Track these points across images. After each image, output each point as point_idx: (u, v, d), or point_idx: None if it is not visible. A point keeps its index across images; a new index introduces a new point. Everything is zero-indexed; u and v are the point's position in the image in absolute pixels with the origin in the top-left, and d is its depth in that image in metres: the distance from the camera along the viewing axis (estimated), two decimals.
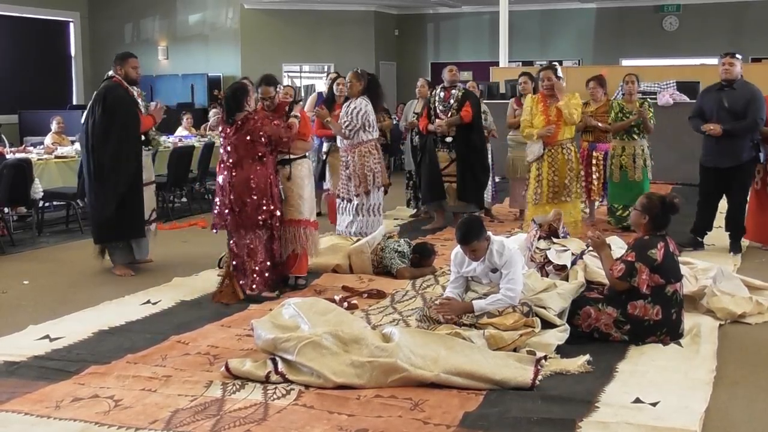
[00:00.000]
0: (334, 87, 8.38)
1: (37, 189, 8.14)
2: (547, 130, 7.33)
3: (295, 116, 5.97)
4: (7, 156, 8.51)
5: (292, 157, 5.94)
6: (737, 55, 6.93)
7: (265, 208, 5.67)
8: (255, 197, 5.63)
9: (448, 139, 8.12)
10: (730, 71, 6.83)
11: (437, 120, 8.09)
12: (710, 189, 7.09)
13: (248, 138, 5.64)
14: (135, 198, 6.49)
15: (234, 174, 5.65)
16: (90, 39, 17.49)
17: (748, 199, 7.12)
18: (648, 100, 8.05)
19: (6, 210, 8.11)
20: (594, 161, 8.27)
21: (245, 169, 5.64)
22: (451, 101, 8.12)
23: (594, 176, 8.27)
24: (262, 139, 5.66)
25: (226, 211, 5.68)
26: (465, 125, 8.08)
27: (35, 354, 4.52)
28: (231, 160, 5.67)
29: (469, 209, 8.05)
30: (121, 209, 6.42)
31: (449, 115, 8.09)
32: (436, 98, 8.21)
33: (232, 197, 5.63)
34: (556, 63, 10.12)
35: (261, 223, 5.67)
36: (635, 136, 7.85)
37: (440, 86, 8.32)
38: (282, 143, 5.79)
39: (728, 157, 6.84)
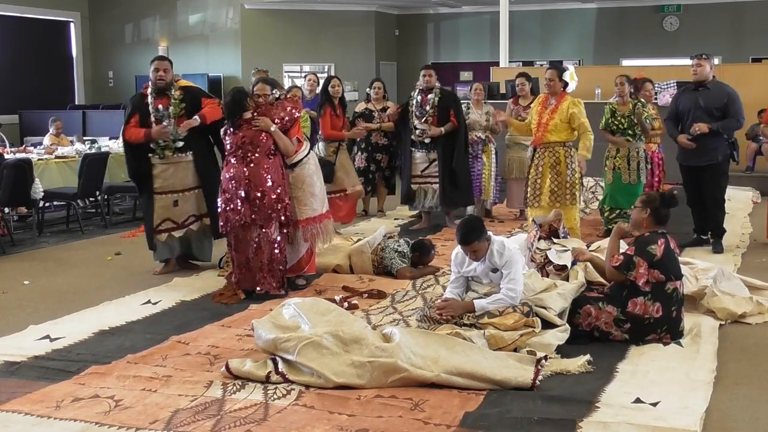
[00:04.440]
0: (329, 88, 8.43)
1: (38, 189, 8.15)
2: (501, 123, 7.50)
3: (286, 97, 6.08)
4: (8, 156, 8.52)
5: (297, 159, 5.94)
6: (704, 56, 6.97)
7: (284, 203, 5.71)
8: (271, 186, 5.64)
9: (427, 141, 8.10)
10: (699, 72, 6.93)
11: (434, 129, 8.03)
12: (692, 187, 7.20)
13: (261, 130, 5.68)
14: (143, 207, 6.51)
15: (250, 165, 5.64)
16: (90, 39, 17.49)
17: (725, 198, 7.14)
18: (641, 101, 7.82)
19: (7, 210, 8.12)
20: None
21: (260, 161, 5.65)
22: (427, 107, 8.08)
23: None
24: (284, 119, 5.73)
25: (239, 202, 5.65)
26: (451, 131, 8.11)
27: (36, 354, 4.53)
28: (248, 156, 5.65)
29: (446, 209, 8.20)
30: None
31: (423, 121, 8.07)
32: (414, 102, 8.18)
33: (248, 188, 5.62)
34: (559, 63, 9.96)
35: (276, 214, 5.67)
36: (629, 138, 7.66)
37: (417, 89, 8.27)
38: (289, 127, 5.83)
39: (704, 156, 6.96)
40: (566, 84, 7.13)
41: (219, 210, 5.81)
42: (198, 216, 6.56)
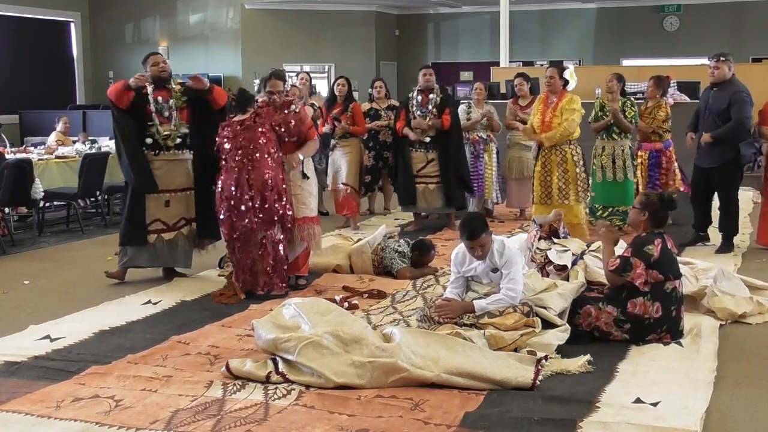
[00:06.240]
0: (335, 87, 8.42)
1: (38, 189, 8.15)
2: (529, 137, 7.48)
3: (296, 111, 5.96)
4: (8, 156, 8.52)
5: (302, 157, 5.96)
6: (722, 57, 6.95)
7: (284, 203, 5.71)
8: (272, 191, 5.65)
9: (426, 140, 8.06)
10: (716, 74, 6.93)
11: (414, 121, 8.01)
12: (698, 186, 7.24)
13: (260, 131, 5.66)
14: (130, 204, 6.18)
15: (249, 168, 5.63)
16: (91, 39, 17.51)
17: (736, 199, 7.11)
18: (630, 99, 7.88)
19: (7, 210, 8.12)
20: (639, 161, 7.95)
21: (260, 164, 5.64)
22: (429, 106, 8.03)
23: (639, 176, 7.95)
24: (280, 129, 5.71)
25: (243, 207, 5.64)
26: (443, 130, 8.01)
27: (36, 354, 4.53)
28: (248, 159, 5.63)
29: (448, 210, 8.09)
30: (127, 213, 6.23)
31: (427, 120, 8.00)
32: (414, 102, 8.14)
33: (251, 192, 5.61)
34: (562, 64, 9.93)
35: (279, 218, 5.67)
36: (615, 136, 7.75)
37: (416, 89, 8.23)
38: (301, 133, 5.82)
39: (709, 158, 6.99)
40: (566, 82, 7.29)
41: (221, 217, 5.76)
42: (188, 220, 6.29)
